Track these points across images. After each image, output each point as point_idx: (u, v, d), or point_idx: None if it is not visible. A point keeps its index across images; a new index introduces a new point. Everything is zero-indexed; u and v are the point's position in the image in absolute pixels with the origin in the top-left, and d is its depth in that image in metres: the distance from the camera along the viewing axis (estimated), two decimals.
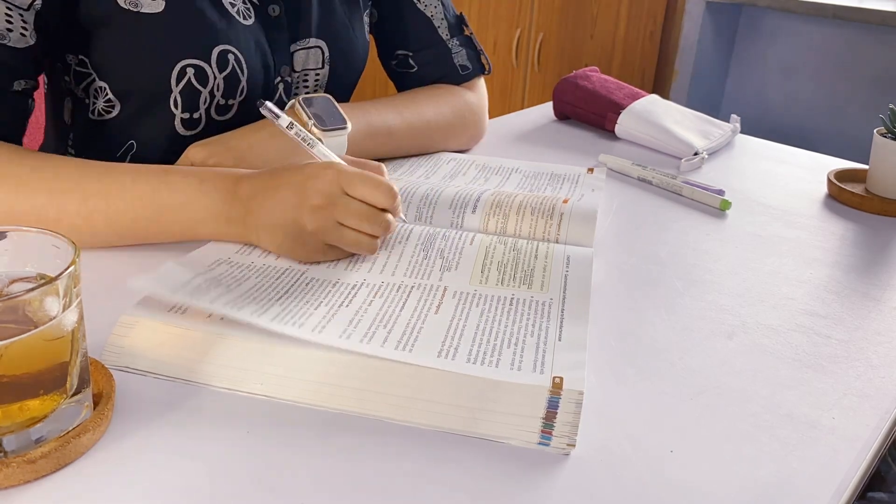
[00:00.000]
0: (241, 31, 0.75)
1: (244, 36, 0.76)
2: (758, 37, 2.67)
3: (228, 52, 0.74)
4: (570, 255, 0.64)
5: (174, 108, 0.75)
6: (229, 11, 0.75)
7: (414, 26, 0.92)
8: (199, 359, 0.49)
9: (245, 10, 0.76)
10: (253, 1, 0.77)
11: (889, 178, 0.86)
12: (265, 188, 0.61)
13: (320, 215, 0.59)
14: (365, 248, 0.62)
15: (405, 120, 0.87)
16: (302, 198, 0.60)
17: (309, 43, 0.82)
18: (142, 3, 0.70)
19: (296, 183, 0.60)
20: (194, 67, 0.73)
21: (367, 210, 0.61)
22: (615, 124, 1.03)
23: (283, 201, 0.60)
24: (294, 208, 0.60)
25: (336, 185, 0.60)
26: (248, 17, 0.76)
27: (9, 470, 0.39)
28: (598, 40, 2.50)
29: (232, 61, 0.75)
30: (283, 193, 0.60)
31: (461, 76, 0.94)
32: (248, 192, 0.62)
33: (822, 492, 0.43)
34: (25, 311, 0.39)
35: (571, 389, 0.46)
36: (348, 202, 0.60)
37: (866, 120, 2.40)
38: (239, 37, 0.75)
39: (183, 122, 0.76)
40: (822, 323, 0.61)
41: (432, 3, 0.92)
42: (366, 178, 0.60)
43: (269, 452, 0.43)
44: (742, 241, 0.76)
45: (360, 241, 0.61)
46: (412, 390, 0.47)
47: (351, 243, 0.61)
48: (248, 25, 0.76)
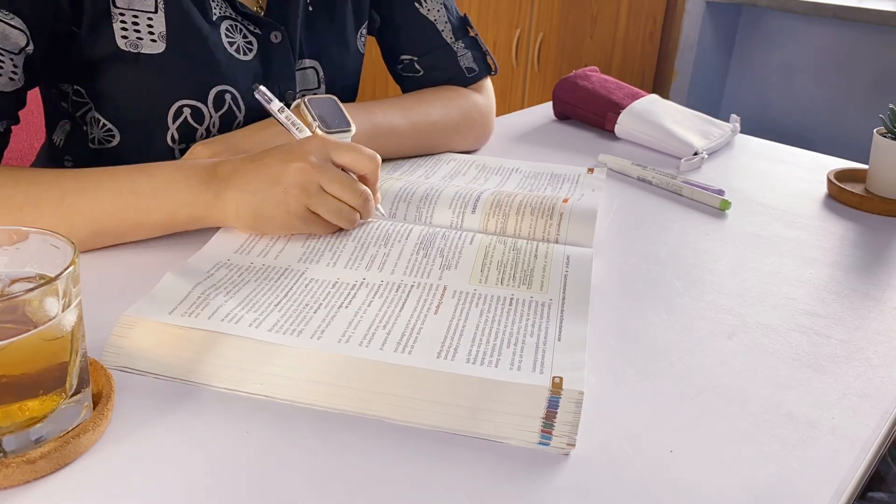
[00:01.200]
0: (240, 68, 0.76)
1: (242, 73, 0.76)
2: (758, 37, 2.67)
3: (226, 91, 0.75)
4: (569, 255, 0.64)
5: (171, 143, 0.76)
6: (228, 51, 0.75)
7: (418, 31, 0.92)
8: (199, 359, 0.49)
9: (245, 46, 0.77)
10: (255, 32, 0.78)
11: (889, 178, 0.86)
12: (247, 162, 0.63)
13: (305, 175, 0.61)
14: (344, 219, 0.64)
15: (410, 120, 0.87)
16: (287, 159, 0.62)
17: (304, 63, 0.83)
18: (142, 45, 0.71)
19: (281, 149, 0.63)
20: (191, 107, 0.74)
21: (349, 178, 0.64)
22: (615, 124, 1.03)
23: (267, 166, 0.62)
24: (278, 168, 0.61)
25: (322, 149, 0.63)
26: (248, 51, 0.77)
27: (8, 470, 0.39)
28: (598, 40, 2.50)
29: (228, 100, 0.76)
30: (267, 160, 0.62)
31: (468, 78, 0.94)
32: (229, 169, 0.63)
33: (822, 492, 0.43)
34: (25, 311, 0.39)
35: (571, 389, 0.46)
36: (332, 169, 0.63)
37: (866, 120, 2.40)
38: (237, 75, 0.76)
39: (181, 153, 0.77)
40: (822, 323, 0.61)
41: (435, 6, 0.91)
42: (350, 146, 0.64)
43: (269, 452, 0.43)
44: (742, 241, 0.76)
45: (340, 209, 0.63)
46: (412, 390, 0.47)
47: (332, 211, 0.63)
48: (247, 61, 0.77)
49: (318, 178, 0.62)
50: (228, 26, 0.76)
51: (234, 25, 0.76)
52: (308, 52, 0.83)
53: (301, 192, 0.61)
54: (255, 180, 0.62)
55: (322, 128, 0.75)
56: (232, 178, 0.62)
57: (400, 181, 0.78)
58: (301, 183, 0.61)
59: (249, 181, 0.62)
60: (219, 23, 0.75)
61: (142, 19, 0.70)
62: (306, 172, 0.61)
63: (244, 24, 0.77)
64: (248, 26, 0.77)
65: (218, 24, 0.75)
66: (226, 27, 0.75)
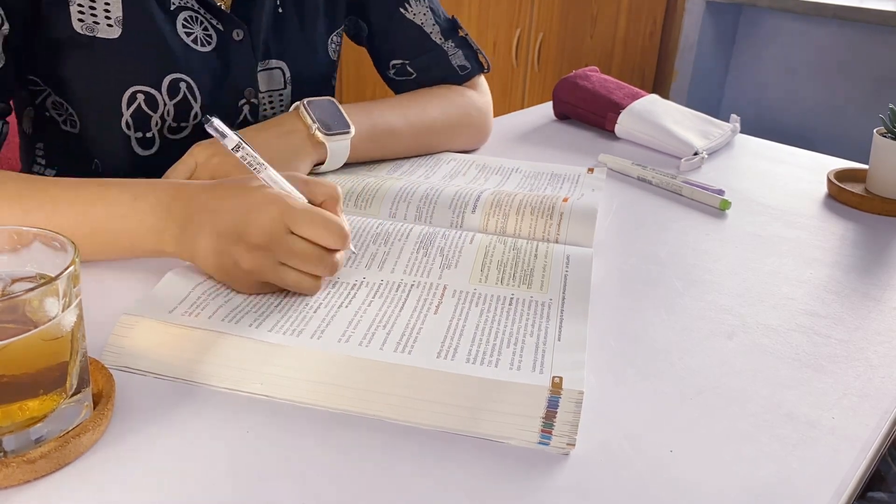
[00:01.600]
0: (197, 58, 0.76)
1: (199, 63, 0.76)
2: (758, 37, 2.67)
3: (180, 80, 0.75)
4: (569, 255, 0.64)
5: (126, 129, 0.76)
6: (185, 41, 0.75)
7: (406, 35, 0.91)
8: (199, 359, 0.49)
9: (205, 38, 0.77)
10: (217, 27, 0.78)
11: (889, 178, 0.86)
12: (202, 209, 0.56)
13: (259, 255, 0.54)
14: (306, 289, 0.56)
15: (408, 120, 0.86)
16: (241, 232, 0.54)
17: (270, 64, 0.83)
18: (98, 30, 0.71)
19: (237, 213, 0.54)
20: (144, 94, 0.74)
21: (312, 250, 0.55)
22: (615, 124, 1.03)
23: (221, 232, 0.55)
24: (230, 242, 0.54)
25: (280, 222, 0.54)
26: (207, 43, 0.77)
27: (8, 470, 0.39)
28: (598, 40, 2.50)
29: (183, 89, 0.76)
30: (222, 221, 0.55)
31: (461, 76, 0.94)
32: (183, 211, 0.57)
33: (822, 492, 0.43)
34: (25, 310, 0.39)
35: (571, 389, 0.46)
36: (292, 241, 0.54)
37: (866, 120, 2.40)
38: (193, 65, 0.76)
39: (137, 141, 0.77)
40: (822, 323, 0.61)
41: (421, 10, 0.91)
42: (314, 217, 0.54)
43: (269, 452, 0.43)
44: (742, 241, 0.76)
45: (301, 282, 0.55)
46: (412, 390, 0.47)
47: (292, 284, 0.55)
48: (205, 52, 0.77)
49: (276, 254, 0.54)
50: (188, 17, 0.76)
51: (194, 17, 0.76)
52: (275, 52, 0.83)
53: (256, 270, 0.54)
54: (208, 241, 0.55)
55: (321, 130, 0.75)
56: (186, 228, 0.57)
57: (400, 181, 0.78)
58: (254, 263, 0.54)
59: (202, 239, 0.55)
60: (176, 12, 0.75)
61: (99, 4, 0.71)
62: (260, 254, 0.54)
63: (206, 17, 0.77)
64: (211, 20, 0.77)
65: (175, 14, 0.75)
66: (184, 17, 0.75)
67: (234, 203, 0.55)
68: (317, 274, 0.56)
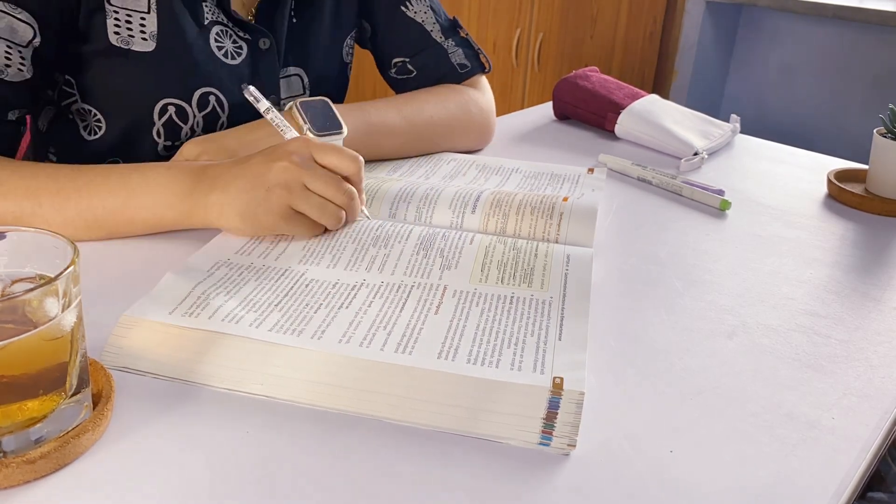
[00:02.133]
0: (227, 71, 0.78)
1: (229, 76, 0.79)
2: (758, 37, 2.67)
3: (210, 93, 0.77)
4: (569, 255, 0.64)
5: (157, 138, 0.78)
6: (216, 54, 0.77)
7: (407, 33, 0.93)
8: (199, 359, 0.49)
9: (234, 50, 0.79)
10: (244, 37, 0.80)
11: (889, 178, 0.86)
12: (233, 165, 0.64)
13: (288, 174, 0.61)
14: (329, 215, 0.64)
15: (405, 117, 0.86)
16: (270, 159, 0.62)
17: (289, 71, 0.85)
18: (133, 42, 0.73)
19: (265, 152, 0.64)
20: (175, 106, 0.76)
21: (332, 176, 0.64)
22: (615, 124, 1.03)
23: (251, 166, 0.62)
24: (261, 168, 0.62)
25: (305, 149, 0.63)
26: (237, 55, 0.79)
27: (8, 470, 0.39)
28: (598, 40, 2.50)
29: (213, 102, 0.78)
30: (251, 161, 0.63)
31: (461, 74, 0.94)
32: (216, 172, 0.64)
33: (822, 492, 0.43)
34: (25, 311, 0.39)
35: (572, 390, 0.46)
36: (316, 167, 0.63)
37: (866, 120, 2.40)
38: (223, 78, 0.78)
39: (166, 148, 0.79)
40: (822, 323, 0.61)
41: (422, 9, 0.93)
42: (333, 146, 0.64)
43: (269, 452, 0.43)
44: (742, 241, 0.76)
45: (325, 206, 0.63)
46: (412, 390, 0.47)
47: (316, 207, 0.63)
48: (235, 65, 0.79)
49: (301, 176, 0.62)
50: (219, 31, 0.78)
51: (225, 31, 0.78)
52: (293, 59, 0.85)
53: (284, 191, 0.62)
54: (239, 181, 0.62)
55: (313, 130, 0.75)
56: (217, 181, 0.63)
57: (400, 182, 0.78)
58: (284, 182, 0.62)
59: (233, 183, 0.63)
60: (210, 27, 0.77)
61: (135, 18, 0.72)
62: (289, 171, 0.62)
63: (234, 30, 0.79)
64: (238, 32, 0.80)
65: (209, 28, 0.77)
66: (216, 31, 0.78)
67: (263, 151, 0.64)
68: (336, 200, 0.64)
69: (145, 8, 0.72)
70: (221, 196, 0.63)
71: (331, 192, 0.63)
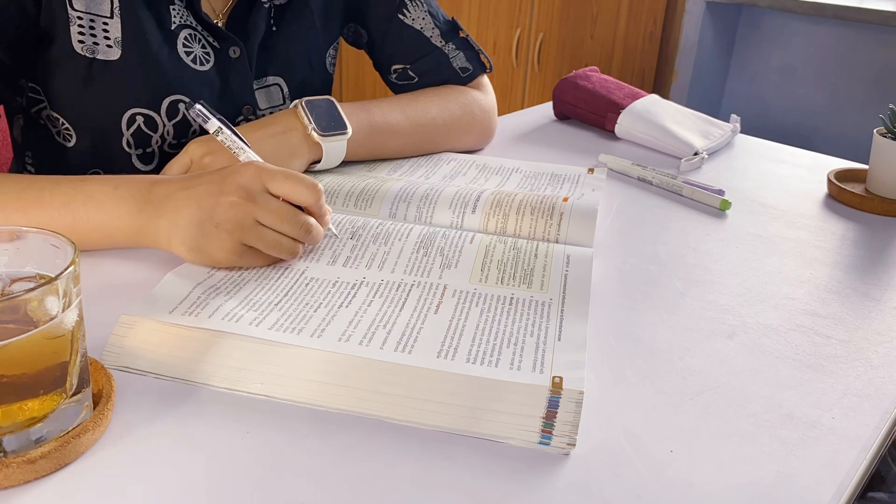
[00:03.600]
0: (196, 78, 0.76)
1: (198, 83, 0.76)
2: (758, 37, 2.67)
3: (179, 101, 0.75)
4: (569, 255, 0.64)
5: (127, 147, 0.76)
6: (184, 60, 0.75)
7: (406, 41, 0.91)
8: (199, 359, 0.49)
9: (203, 56, 0.76)
10: (213, 44, 0.77)
11: (889, 178, 0.86)
12: (181, 188, 0.59)
13: (238, 210, 0.56)
14: (285, 251, 0.59)
15: (408, 117, 0.86)
16: (219, 191, 0.57)
17: (267, 81, 0.83)
18: (98, 51, 0.70)
19: (214, 179, 0.58)
20: (143, 116, 0.74)
21: (287, 209, 0.58)
22: (615, 124, 1.03)
23: (199, 197, 0.57)
24: (210, 201, 0.57)
25: (257, 180, 0.57)
26: (205, 62, 0.77)
27: (9, 470, 0.39)
28: (598, 40, 2.50)
29: (182, 110, 0.75)
30: (200, 189, 0.58)
31: (463, 78, 0.94)
32: (163, 193, 0.59)
33: (822, 492, 0.43)
34: (25, 311, 0.39)
35: (571, 389, 0.46)
36: (268, 200, 0.58)
37: (866, 120, 2.40)
38: (192, 85, 0.75)
39: (138, 157, 0.77)
40: (822, 323, 0.61)
41: (420, 15, 0.91)
42: (289, 175, 0.58)
43: (269, 452, 0.43)
44: (742, 241, 0.76)
45: (279, 242, 0.58)
46: (412, 390, 0.47)
47: (270, 244, 0.58)
48: (203, 71, 0.76)
49: (253, 211, 0.57)
50: (188, 35, 0.75)
51: (193, 34, 0.76)
52: (272, 69, 0.83)
53: (234, 228, 0.57)
54: (188, 210, 0.57)
55: (317, 130, 0.75)
56: (166, 204, 0.59)
57: (400, 181, 0.78)
58: (233, 218, 0.57)
59: (182, 211, 0.58)
60: (178, 31, 0.75)
61: (98, 24, 0.70)
62: (238, 207, 0.57)
63: (203, 35, 0.77)
64: (207, 37, 0.77)
65: (177, 33, 0.74)
66: (185, 36, 0.75)
67: (212, 176, 0.59)
68: (292, 235, 0.59)
69: (108, 12, 0.70)
70: (170, 224, 0.58)
71: (285, 227, 0.58)
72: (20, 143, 0.81)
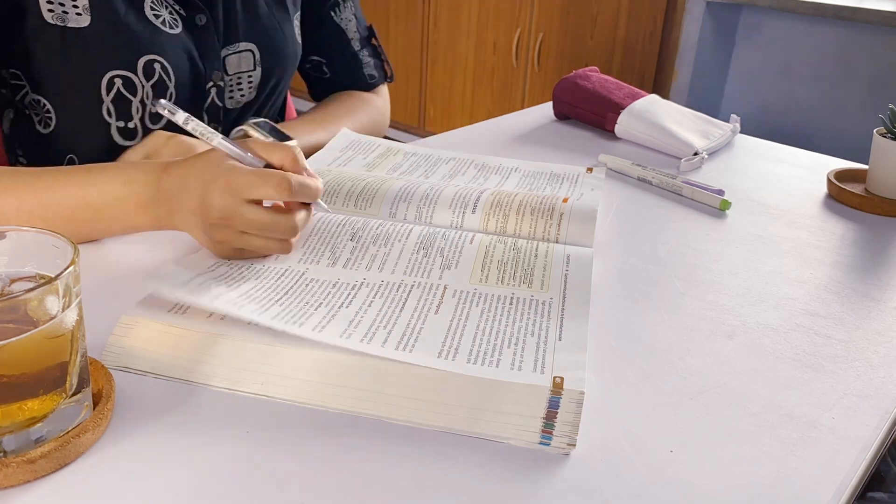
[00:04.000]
0: (167, 39, 0.78)
1: (170, 44, 0.78)
2: (758, 37, 2.67)
3: (154, 61, 0.77)
4: (569, 255, 0.64)
5: (108, 118, 0.78)
6: (153, 23, 0.77)
7: (330, 37, 1.00)
8: (199, 359, 0.49)
9: (172, 20, 0.79)
10: (179, 12, 0.80)
11: (889, 178, 0.86)
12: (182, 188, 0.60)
13: (222, 230, 0.58)
14: (276, 251, 0.61)
15: (330, 134, 0.93)
16: (203, 213, 0.58)
17: (239, 47, 0.86)
18: (68, 19, 0.72)
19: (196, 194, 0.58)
20: (122, 78, 0.76)
21: (268, 218, 0.58)
22: (615, 124, 1.03)
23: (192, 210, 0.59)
24: (199, 220, 0.59)
25: (229, 195, 0.57)
26: (174, 26, 0.79)
27: (8, 470, 0.39)
28: (598, 40, 2.50)
29: (158, 69, 0.77)
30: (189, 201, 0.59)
31: (369, 84, 1.04)
32: (169, 189, 0.60)
33: (822, 492, 0.43)
34: (25, 310, 0.39)
35: (572, 389, 0.46)
36: (246, 212, 0.58)
37: (866, 120, 2.40)
38: (164, 46, 0.78)
39: (119, 130, 0.79)
40: (822, 323, 0.61)
41: (347, 16, 1.00)
42: (256, 177, 0.57)
43: (269, 452, 0.43)
44: (742, 241, 0.76)
45: (268, 245, 0.60)
46: (412, 390, 0.47)
47: (259, 248, 0.60)
48: (174, 34, 0.79)
49: (237, 226, 0.58)
50: (153, 2, 0.77)
51: (159, 1, 0.78)
52: (244, 35, 0.86)
53: (225, 244, 0.59)
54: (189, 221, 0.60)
55: None
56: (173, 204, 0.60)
57: (400, 181, 0.78)
58: (221, 238, 0.59)
59: (185, 220, 0.60)
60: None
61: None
62: (222, 230, 0.59)
63: (169, 2, 0.79)
64: (174, 5, 0.79)
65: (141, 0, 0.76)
66: (150, 2, 0.77)
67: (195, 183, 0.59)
68: (274, 237, 0.60)
69: None
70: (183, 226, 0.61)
71: (268, 234, 0.59)
72: (8, 136, 0.83)
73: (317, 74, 1.03)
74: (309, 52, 1.01)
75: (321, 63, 1.02)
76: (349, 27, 1.00)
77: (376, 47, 1.04)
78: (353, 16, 1.01)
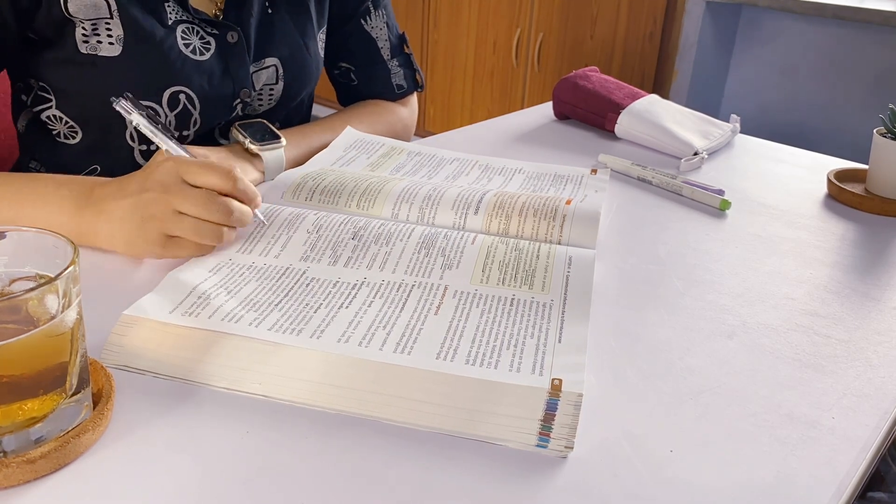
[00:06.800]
0: (194, 68, 0.78)
1: (198, 74, 0.79)
2: (758, 37, 2.67)
3: (180, 92, 0.78)
4: (571, 257, 0.64)
5: (130, 142, 0.79)
6: (184, 52, 0.77)
7: (359, 45, 0.99)
8: (199, 359, 0.49)
9: (202, 46, 0.79)
10: (212, 32, 0.80)
11: (889, 178, 0.86)
12: (117, 188, 0.62)
13: (157, 204, 0.59)
14: (207, 237, 0.60)
15: None
16: (141, 189, 0.60)
17: (265, 63, 0.86)
18: (100, 48, 0.74)
19: (141, 178, 0.61)
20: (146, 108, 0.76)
21: (204, 195, 0.59)
22: (615, 124, 1.03)
23: (129, 194, 0.60)
24: (134, 199, 0.60)
25: (173, 173, 0.60)
26: (205, 51, 0.79)
27: (8, 470, 0.39)
28: (598, 40, 2.50)
29: (183, 100, 0.78)
30: (131, 187, 0.61)
31: (396, 94, 1.02)
32: (102, 193, 0.62)
33: (822, 492, 0.43)
34: (25, 310, 0.39)
35: (570, 391, 0.46)
36: (185, 189, 0.59)
37: (866, 120, 2.40)
38: (192, 76, 0.78)
39: (141, 153, 0.81)
40: (822, 323, 0.61)
41: (378, 24, 0.99)
42: (203, 165, 0.60)
43: (269, 452, 0.43)
44: (742, 241, 0.76)
45: (199, 228, 0.60)
46: (411, 391, 0.47)
47: (191, 231, 0.59)
48: (203, 61, 0.79)
49: (170, 202, 0.59)
50: (185, 29, 0.78)
51: (191, 28, 0.79)
52: (268, 51, 0.86)
53: (156, 221, 0.59)
54: (120, 211, 0.61)
55: (253, 143, 0.80)
56: (103, 206, 0.62)
57: (402, 181, 0.78)
58: (154, 213, 0.59)
59: (116, 212, 0.61)
60: (175, 26, 0.77)
61: (101, 25, 0.73)
62: (157, 201, 0.59)
63: (201, 27, 0.79)
64: (205, 27, 0.80)
65: (174, 28, 0.77)
66: (182, 30, 0.78)
67: (139, 174, 0.62)
68: (212, 220, 0.60)
69: (108, 14, 0.73)
70: (107, 225, 0.61)
71: (203, 212, 0.59)
72: (22, 135, 0.84)
73: (345, 81, 1.02)
74: (338, 58, 1.00)
75: (349, 70, 1.00)
76: (380, 35, 0.99)
77: (408, 56, 1.02)
78: (384, 24, 0.99)
